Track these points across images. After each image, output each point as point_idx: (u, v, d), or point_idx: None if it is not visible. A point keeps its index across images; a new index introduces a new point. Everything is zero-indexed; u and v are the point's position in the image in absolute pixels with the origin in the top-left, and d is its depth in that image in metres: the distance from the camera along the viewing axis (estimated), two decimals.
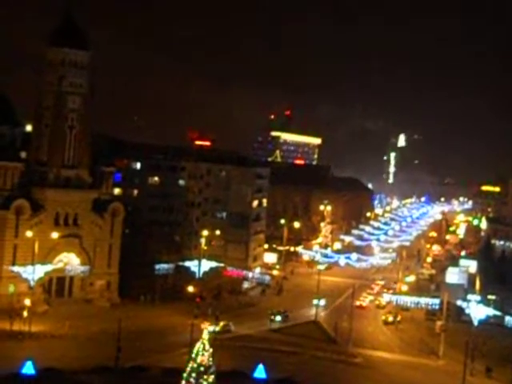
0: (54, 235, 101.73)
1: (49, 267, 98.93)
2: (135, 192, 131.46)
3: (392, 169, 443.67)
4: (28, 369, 67.17)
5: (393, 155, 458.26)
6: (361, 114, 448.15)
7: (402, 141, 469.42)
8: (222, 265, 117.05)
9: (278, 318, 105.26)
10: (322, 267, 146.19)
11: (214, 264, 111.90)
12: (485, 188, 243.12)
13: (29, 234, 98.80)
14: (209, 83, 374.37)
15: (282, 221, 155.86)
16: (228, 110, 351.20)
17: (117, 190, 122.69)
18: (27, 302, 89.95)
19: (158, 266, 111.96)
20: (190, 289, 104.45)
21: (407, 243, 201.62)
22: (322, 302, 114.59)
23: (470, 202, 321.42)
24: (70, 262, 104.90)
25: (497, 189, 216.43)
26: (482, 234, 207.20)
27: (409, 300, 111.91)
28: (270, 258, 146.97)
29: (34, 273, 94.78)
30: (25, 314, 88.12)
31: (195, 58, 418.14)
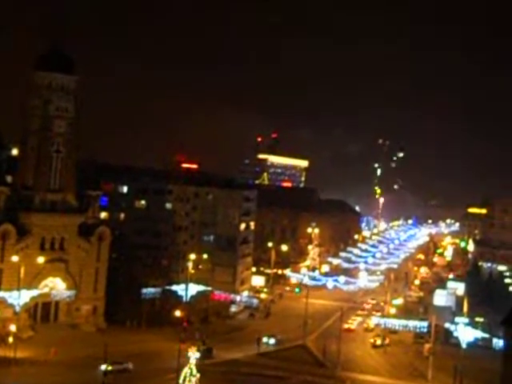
0: (40, 260, 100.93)
1: (34, 292, 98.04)
2: (122, 216, 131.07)
3: (379, 191, 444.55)
4: None
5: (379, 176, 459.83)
6: (347, 137, 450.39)
7: (388, 163, 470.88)
8: (209, 288, 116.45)
9: (272, 341, 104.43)
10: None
11: (201, 288, 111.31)
12: (471, 210, 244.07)
13: (14, 258, 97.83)
14: (196, 106, 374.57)
15: (270, 244, 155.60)
16: (215, 132, 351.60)
17: (103, 214, 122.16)
18: (12, 327, 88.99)
19: (144, 290, 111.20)
20: (177, 313, 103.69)
21: (395, 266, 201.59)
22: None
23: (457, 224, 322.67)
24: (56, 286, 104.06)
25: (483, 211, 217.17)
26: (470, 256, 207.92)
27: (397, 323, 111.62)
28: (258, 281, 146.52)
29: (19, 298, 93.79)
30: (10, 339, 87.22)
31: (182, 81, 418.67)
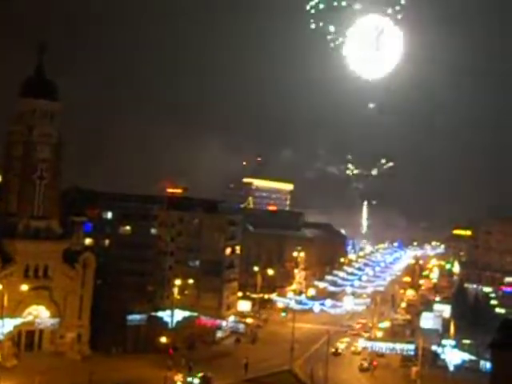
0: (24, 287, 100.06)
1: (18, 320, 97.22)
2: (107, 242, 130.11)
3: (364, 214, 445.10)
4: None
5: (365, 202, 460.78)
6: (332, 159, 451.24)
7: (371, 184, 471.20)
8: (195, 314, 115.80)
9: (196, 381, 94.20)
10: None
11: (187, 313, 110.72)
12: (456, 232, 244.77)
13: None
14: (181, 131, 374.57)
15: (256, 268, 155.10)
16: (200, 157, 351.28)
17: (88, 240, 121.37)
18: None
19: (130, 317, 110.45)
20: (163, 339, 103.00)
21: (381, 288, 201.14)
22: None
23: (443, 246, 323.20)
24: (40, 314, 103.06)
25: (468, 233, 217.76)
26: (456, 278, 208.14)
27: (384, 346, 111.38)
28: (244, 306, 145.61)
29: (2, 326, 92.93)
30: None
31: (167, 106, 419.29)
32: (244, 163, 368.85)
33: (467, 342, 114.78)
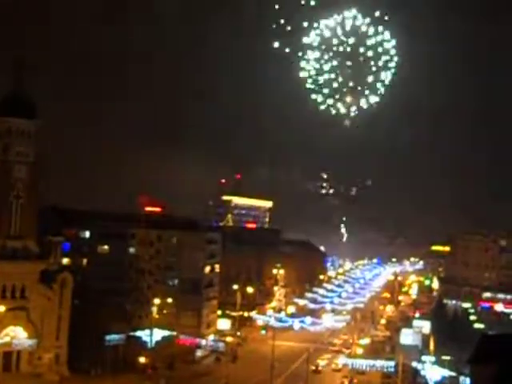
0: (1, 309, 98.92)
1: None
2: (84, 261, 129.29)
3: (343, 230, 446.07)
4: None
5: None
6: (309, 176, 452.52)
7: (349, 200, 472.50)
8: (174, 333, 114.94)
9: None
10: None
11: (166, 333, 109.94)
12: (435, 248, 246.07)
13: None
14: (158, 149, 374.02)
15: (235, 286, 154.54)
16: (178, 175, 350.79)
17: (65, 260, 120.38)
18: None
19: (108, 337, 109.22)
20: (142, 359, 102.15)
21: (361, 305, 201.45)
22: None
23: (421, 262, 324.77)
24: (17, 335, 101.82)
25: (446, 248, 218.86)
26: (435, 293, 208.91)
27: (364, 363, 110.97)
28: (224, 324, 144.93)
29: None
30: None
31: (142, 124, 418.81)
32: (223, 181, 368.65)
33: (447, 358, 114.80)
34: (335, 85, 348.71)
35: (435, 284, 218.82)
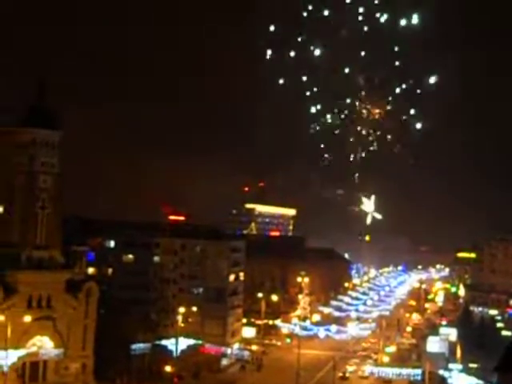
0: (27, 318, 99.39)
1: (22, 352, 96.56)
2: (109, 271, 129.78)
3: (368, 238, 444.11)
4: None
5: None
6: (333, 184, 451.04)
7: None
8: (199, 342, 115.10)
9: None
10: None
11: (191, 341, 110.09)
12: (461, 255, 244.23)
13: (1, 318, 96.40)
14: (181, 158, 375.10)
15: (260, 294, 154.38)
16: (201, 184, 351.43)
17: (91, 270, 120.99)
18: None
19: (134, 346, 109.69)
20: (168, 368, 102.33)
21: (386, 313, 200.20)
22: None
23: (447, 269, 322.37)
24: (44, 345, 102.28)
25: (472, 255, 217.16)
26: (461, 301, 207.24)
27: (390, 371, 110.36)
28: (249, 332, 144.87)
29: (6, 358, 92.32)
30: None
31: (165, 132, 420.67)
32: (246, 189, 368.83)
33: (474, 365, 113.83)
34: None
35: (461, 291, 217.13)
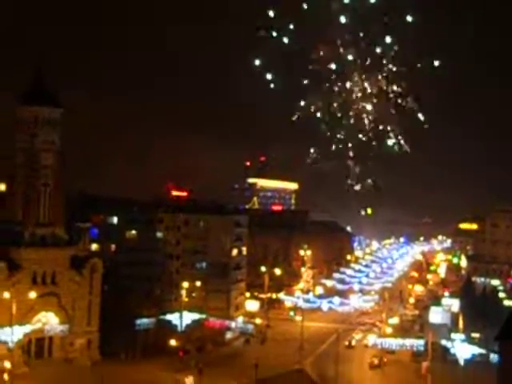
0: (32, 295, 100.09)
1: (27, 328, 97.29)
2: (113, 247, 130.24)
3: (370, 210, 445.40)
4: None
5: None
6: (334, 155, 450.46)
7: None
8: (203, 316, 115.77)
9: None
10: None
11: (195, 316, 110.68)
12: (463, 226, 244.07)
13: (6, 295, 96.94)
14: (182, 134, 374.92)
15: (263, 268, 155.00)
16: (202, 159, 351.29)
17: (94, 246, 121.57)
18: (7, 364, 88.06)
19: (138, 321, 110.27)
20: (173, 342, 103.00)
21: (389, 285, 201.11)
22: None
23: (449, 241, 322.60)
24: (49, 321, 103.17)
25: (474, 226, 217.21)
26: (463, 272, 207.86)
27: (393, 342, 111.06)
28: (252, 306, 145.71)
29: (12, 334, 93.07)
30: (5, 376, 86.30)
31: (167, 109, 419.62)
32: (247, 163, 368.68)
33: (476, 335, 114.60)
34: None
35: (463, 262, 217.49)
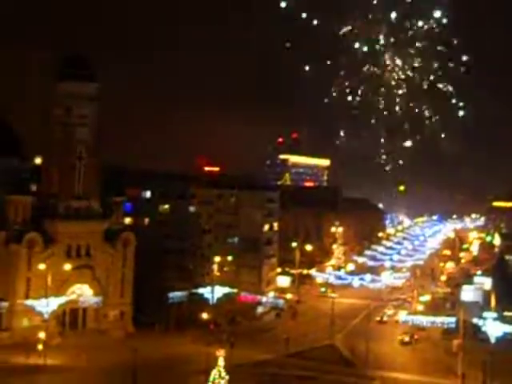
0: (67, 267, 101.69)
1: (62, 299, 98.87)
2: (146, 221, 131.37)
3: (402, 188, 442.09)
4: None
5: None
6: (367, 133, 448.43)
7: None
8: (235, 290, 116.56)
9: None
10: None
11: (227, 290, 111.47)
12: (496, 204, 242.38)
13: (41, 266, 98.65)
14: (214, 109, 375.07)
15: (294, 244, 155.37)
16: (235, 135, 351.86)
17: (128, 220, 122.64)
18: (42, 335, 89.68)
19: (171, 295, 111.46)
20: (204, 316, 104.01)
21: (421, 262, 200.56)
22: None
23: (483, 219, 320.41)
24: (84, 293, 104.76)
25: (509, 204, 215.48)
26: (496, 250, 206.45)
27: (425, 319, 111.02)
28: (283, 281, 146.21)
29: (47, 306, 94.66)
30: (39, 347, 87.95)
31: (199, 84, 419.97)
32: (280, 140, 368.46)
33: (509, 314, 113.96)
34: None
35: (496, 240, 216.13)
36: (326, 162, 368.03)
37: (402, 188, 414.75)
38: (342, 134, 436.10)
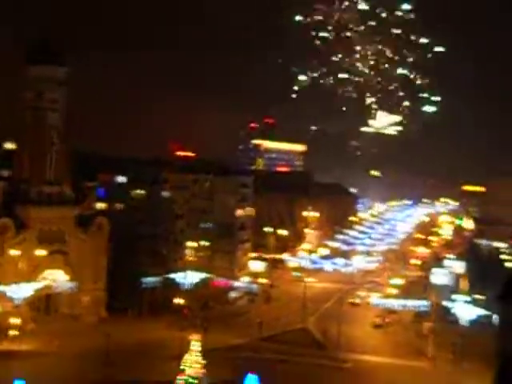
0: (39, 252, 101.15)
1: (35, 285, 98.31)
2: (119, 206, 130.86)
3: (375, 172, 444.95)
4: None
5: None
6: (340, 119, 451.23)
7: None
8: (208, 275, 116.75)
9: None
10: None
11: (200, 275, 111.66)
12: (468, 188, 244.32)
13: (13, 252, 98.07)
14: (187, 95, 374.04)
15: (268, 229, 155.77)
16: (208, 121, 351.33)
17: (101, 205, 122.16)
18: (15, 320, 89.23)
19: (144, 280, 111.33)
20: (178, 301, 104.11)
21: (393, 246, 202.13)
22: None
23: (454, 203, 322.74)
24: (56, 278, 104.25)
25: (479, 188, 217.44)
26: (467, 234, 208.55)
27: (396, 303, 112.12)
28: (257, 266, 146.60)
29: (19, 291, 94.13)
30: (13, 332, 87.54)
31: (171, 70, 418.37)
32: (252, 125, 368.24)
33: (480, 297, 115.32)
34: None
35: (468, 224, 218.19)
36: (300, 148, 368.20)
37: (374, 173, 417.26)
38: (314, 120, 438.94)
